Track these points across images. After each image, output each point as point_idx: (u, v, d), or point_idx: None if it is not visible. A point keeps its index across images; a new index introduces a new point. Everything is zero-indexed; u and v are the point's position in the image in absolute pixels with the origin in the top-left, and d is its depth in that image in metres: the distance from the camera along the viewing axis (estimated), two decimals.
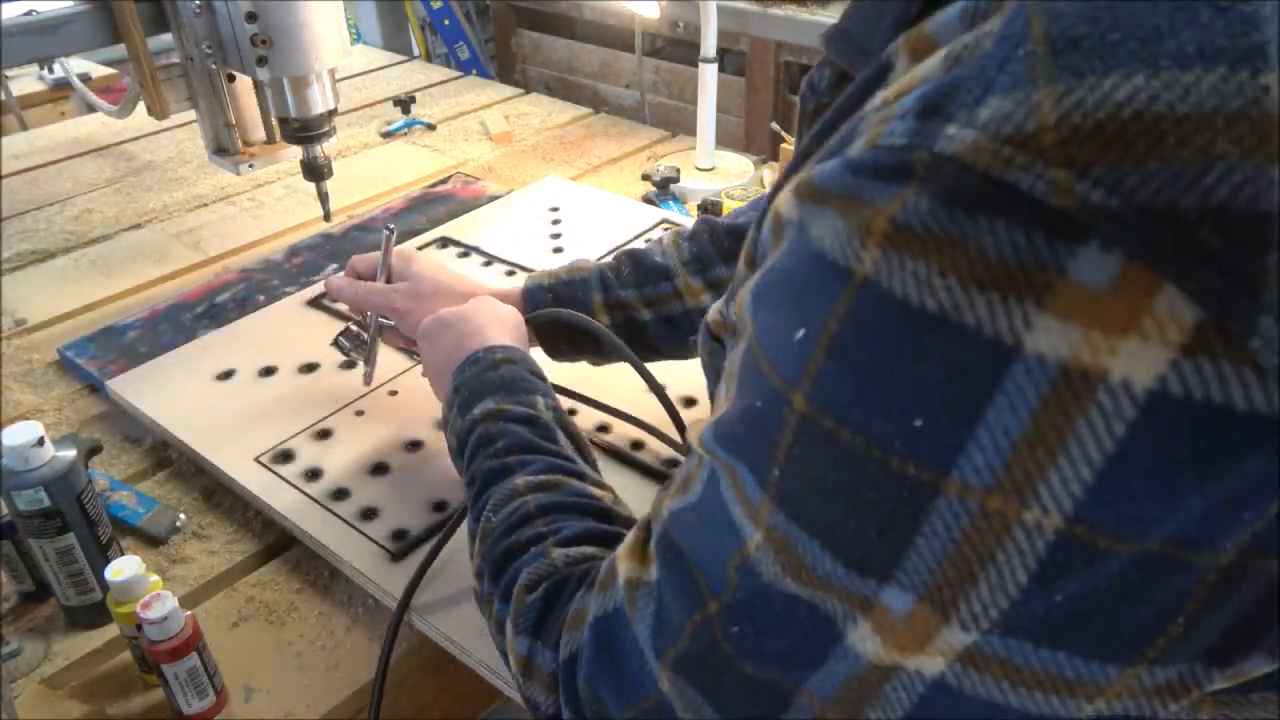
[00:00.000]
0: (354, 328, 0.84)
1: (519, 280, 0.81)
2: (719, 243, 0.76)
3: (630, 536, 0.44)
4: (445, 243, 1.13)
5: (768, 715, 0.36)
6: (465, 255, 1.11)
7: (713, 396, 0.53)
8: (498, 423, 0.60)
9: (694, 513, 0.38)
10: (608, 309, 0.77)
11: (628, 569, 0.42)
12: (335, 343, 0.84)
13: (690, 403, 0.85)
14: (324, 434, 0.82)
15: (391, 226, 0.79)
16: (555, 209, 1.20)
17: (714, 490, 0.37)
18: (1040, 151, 0.26)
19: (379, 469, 0.78)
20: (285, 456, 0.80)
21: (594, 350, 0.78)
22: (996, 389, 0.27)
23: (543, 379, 0.66)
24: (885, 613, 0.31)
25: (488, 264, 1.09)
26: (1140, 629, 0.29)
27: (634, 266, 0.77)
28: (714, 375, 0.49)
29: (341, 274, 0.82)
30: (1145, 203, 0.25)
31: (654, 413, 0.76)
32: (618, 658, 0.42)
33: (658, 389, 0.71)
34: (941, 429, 0.28)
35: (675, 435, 0.76)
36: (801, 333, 0.31)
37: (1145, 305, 0.25)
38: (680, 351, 0.79)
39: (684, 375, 0.82)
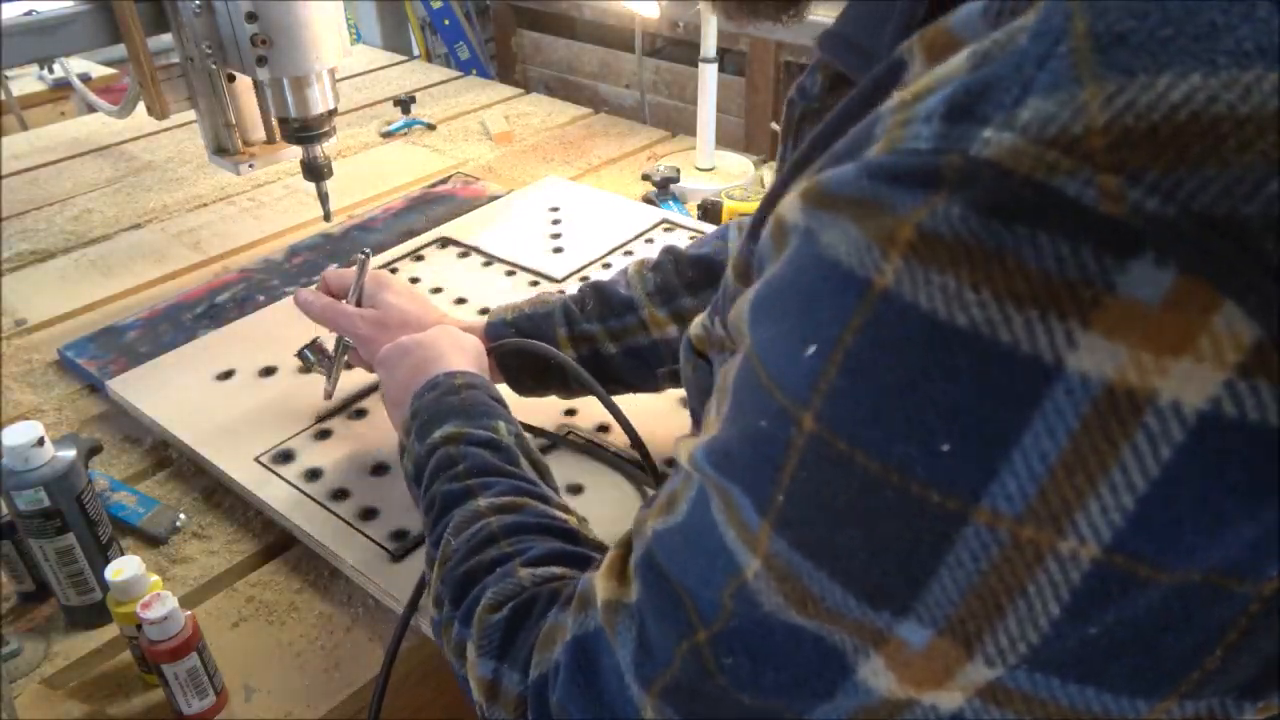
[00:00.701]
0: (320, 340, 0.82)
1: (484, 315, 0.80)
2: (683, 274, 0.75)
3: (609, 555, 0.42)
4: (445, 243, 1.13)
5: None
6: (465, 255, 1.11)
7: (694, 414, 0.52)
8: (458, 446, 0.58)
9: (680, 534, 0.36)
10: (573, 342, 0.75)
11: (606, 589, 0.41)
12: (299, 354, 0.82)
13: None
14: (324, 434, 0.82)
15: (368, 251, 0.79)
16: (555, 209, 1.20)
17: (703, 511, 0.35)
18: (1088, 155, 0.24)
19: (379, 469, 0.78)
20: (285, 456, 0.80)
21: (560, 384, 0.77)
22: (1034, 411, 0.25)
23: (504, 405, 0.65)
24: (901, 646, 0.29)
25: (488, 264, 1.09)
26: (1176, 662, 0.28)
27: (598, 299, 0.76)
28: (698, 392, 0.47)
29: (312, 288, 0.81)
30: (1204, 211, 0.23)
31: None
32: (595, 681, 0.40)
33: (623, 420, 0.71)
34: (971, 454, 0.26)
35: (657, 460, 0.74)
36: (813, 348, 0.29)
37: (1202, 323, 0.23)
38: (648, 384, 0.77)
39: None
